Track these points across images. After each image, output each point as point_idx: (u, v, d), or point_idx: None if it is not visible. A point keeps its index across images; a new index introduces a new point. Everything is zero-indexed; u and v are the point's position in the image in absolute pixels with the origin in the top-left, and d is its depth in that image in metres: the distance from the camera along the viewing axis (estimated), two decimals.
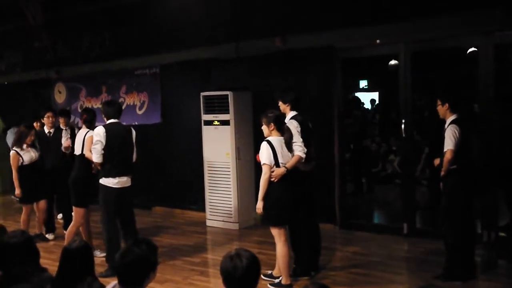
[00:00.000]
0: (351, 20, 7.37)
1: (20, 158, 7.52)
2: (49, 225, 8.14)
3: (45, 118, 8.03)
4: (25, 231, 3.97)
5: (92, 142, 6.53)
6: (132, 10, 9.61)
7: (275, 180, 5.36)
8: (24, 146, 7.56)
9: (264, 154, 5.37)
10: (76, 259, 3.39)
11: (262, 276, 5.64)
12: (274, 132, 5.45)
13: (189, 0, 8.75)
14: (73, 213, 7.14)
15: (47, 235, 8.11)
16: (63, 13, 10.33)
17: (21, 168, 7.54)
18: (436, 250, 6.24)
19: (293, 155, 5.48)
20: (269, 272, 5.85)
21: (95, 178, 6.49)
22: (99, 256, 6.61)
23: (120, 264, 3.02)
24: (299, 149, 5.50)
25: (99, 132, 6.18)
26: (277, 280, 5.65)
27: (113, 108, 6.40)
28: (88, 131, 6.81)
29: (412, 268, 6.32)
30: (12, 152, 7.59)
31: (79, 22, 10.44)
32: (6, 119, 11.71)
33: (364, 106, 13.86)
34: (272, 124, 5.45)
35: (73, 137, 7.55)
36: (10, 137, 10.99)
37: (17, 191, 7.57)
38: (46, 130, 8.03)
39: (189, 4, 8.77)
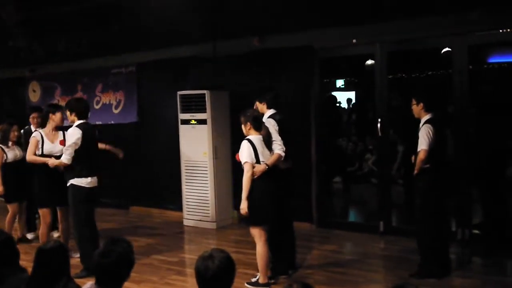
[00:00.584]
0: (328, 20, 7.42)
1: (4, 155, 7.36)
2: (30, 224, 7.98)
3: (30, 119, 7.88)
4: (3, 231, 3.91)
5: (35, 145, 6.48)
6: (109, 8, 9.52)
7: (256, 177, 5.36)
8: (10, 143, 7.42)
9: (245, 153, 5.37)
10: (51, 259, 3.35)
11: (245, 284, 5.64)
12: (252, 131, 5.46)
13: None
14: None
15: (27, 235, 7.94)
16: (39, 12, 10.18)
17: (4, 166, 7.36)
18: (412, 248, 6.29)
19: (272, 154, 5.50)
20: (254, 279, 5.75)
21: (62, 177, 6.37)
22: (75, 257, 6.54)
23: (99, 264, 2.99)
24: (278, 148, 5.53)
25: (77, 134, 6.09)
26: (254, 279, 5.66)
27: (83, 105, 6.34)
28: (35, 130, 6.75)
29: (388, 266, 6.39)
30: None
31: (55, 21, 10.30)
32: None
33: (340, 105, 13.94)
34: (249, 123, 5.46)
35: None
36: None
37: (0, 188, 7.39)
38: (33, 129, 7.88)
39: (167, 2, 8.72)
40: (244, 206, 5.34)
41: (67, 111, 6.32)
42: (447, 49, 8.28)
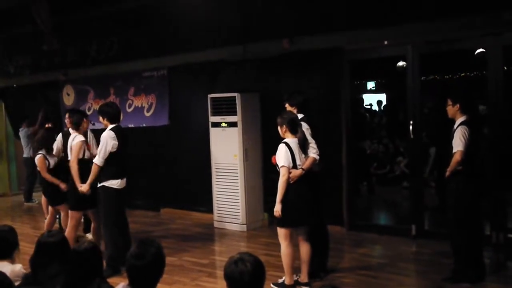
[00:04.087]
0: (358, 21, 7.36)
1: (47, 161, 7.46)
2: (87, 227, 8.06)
3: (66, 119, 8.00)
4: (60, 231, 4.01)
5: (81, 149, 6.61)
6: (140, 13, 9.64)
7: (292, 182, 5.37)
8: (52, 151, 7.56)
9: (282, 157, 5.36)
10: (85, 260, 3.40)
11: (271, 284, 5.66)
12: (287, 134, 5.45)
13: (197, 2, 8.77)
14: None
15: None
16: (72, 17, 10.38)
17: (49, 172, 7.44)
18: (444, 252, 6.21)
19: (307, 157, 5.48)
20: (280, 280, 5.78)
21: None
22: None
23: (133, 266, 3.02)
24: (313, 151, 5.52)
25: (113, 137, 6.22)
26: (280, 280, 5.66)
27: (114, 109, 6.45)
28: (76, 135, 6.80)
29: (420, 270, 6.31)
30: (39, 156, 7.41)
31: (88, 26, 10.48)
32: (15, 121, 11.80)
33: (367, 106, 13.83)
34: (285, 126, 5.45)
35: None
36: (23, 137, 11.11)
37: (62, 185, 7.29)
38: (71, 131, 8.00)
39: (197, 6, 8.79)
40: (278, 208, 5.36)
41: (100, 116, 6.46)
42: (481, 50, 8.14)
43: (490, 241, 6.54)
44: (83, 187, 6.44)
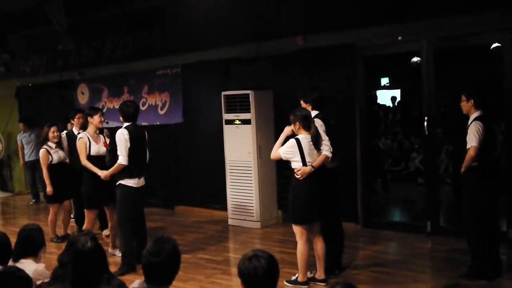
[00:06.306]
0: (372, 17, 7.33)
1: (50, 156, 7.61)
2: (81, 224, 8.16)
3: (75, 119, 8.10)
4: (90, 231, 4.04)
5: (85, 148, 6.72)
6: (154, 11, 9.67)
7: (301, 178, 5.36)
8: (53, 146, 7.65)
9: (285, 148, 5.43)
10: (90, 260, 3.34)
11: (285, 282, 5.66)
12: (301, 131, 5.45)
13: (210, 1, 8.78)
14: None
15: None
16: (87, 16, 10.45)
17: (50, 167, 7.62)
18: (461, 249, 6.17)
19: (319, 154, 5.47)
20: (293, 277, 5.79)
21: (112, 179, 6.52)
22: (118, 255, 6.70)
23: (149, 263, 3.02)
24: (326, 148, 5.49)
25: (125, 135, 6.23)
26: (294, 277, 5.67)
27: (132, 110, 6.44)
28: (79, 132, 6.91)
29: (436, 266, 6.27)
30: (42, 150, 7.64)
31: (102, 25, 10.55)
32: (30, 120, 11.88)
33: (380, 103, 13.73)
34: (298, 123, 5.44)
35: None
36: (26, 142, 11.21)
37: (49, 188, 7.63)
38: (75, 131, 8.08)
39: (210, 4, 8.80)
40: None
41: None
42: (497, 44, 8.05)
43: (507, 237, 6.49)
44: (103, 174, 6.53)
